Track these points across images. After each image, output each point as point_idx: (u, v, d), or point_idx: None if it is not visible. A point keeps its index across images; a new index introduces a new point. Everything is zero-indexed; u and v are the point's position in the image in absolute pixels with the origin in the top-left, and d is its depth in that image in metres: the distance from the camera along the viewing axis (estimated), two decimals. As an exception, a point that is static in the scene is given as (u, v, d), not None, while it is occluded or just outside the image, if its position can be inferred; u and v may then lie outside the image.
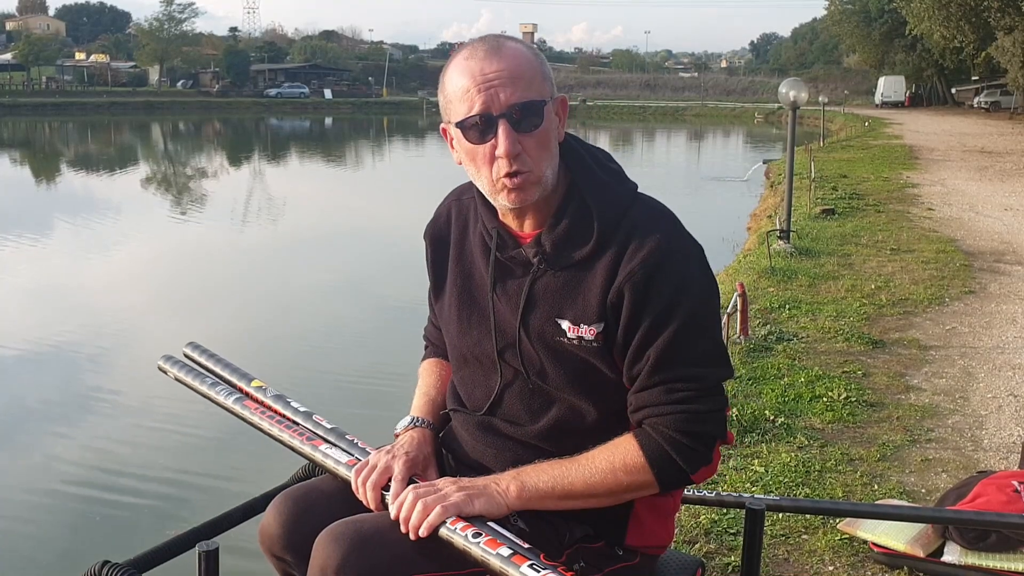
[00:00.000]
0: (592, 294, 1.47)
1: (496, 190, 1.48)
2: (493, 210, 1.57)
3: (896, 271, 8.15)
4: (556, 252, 1.50)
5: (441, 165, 32.10)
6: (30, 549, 4.84)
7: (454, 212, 1.68)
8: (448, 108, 1.48)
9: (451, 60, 1.49)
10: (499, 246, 1.55)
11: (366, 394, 7.03)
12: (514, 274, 1.55)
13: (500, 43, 1.46)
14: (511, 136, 1.42)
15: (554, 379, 1.52)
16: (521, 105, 1.42)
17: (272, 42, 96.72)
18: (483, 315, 1.58)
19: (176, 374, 1.86)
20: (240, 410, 1.72)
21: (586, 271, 1.48)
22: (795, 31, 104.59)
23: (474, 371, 1.62)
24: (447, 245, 1.67)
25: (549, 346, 1.51)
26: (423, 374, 1.81)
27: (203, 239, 15.78)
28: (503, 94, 1.41)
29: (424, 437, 1.63)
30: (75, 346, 8.56)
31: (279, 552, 1.55)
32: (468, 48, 1.47)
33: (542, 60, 1.50)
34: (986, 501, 3.05)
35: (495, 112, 1.42)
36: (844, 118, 40.51)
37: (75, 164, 31.74)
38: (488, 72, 1.42)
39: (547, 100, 1.46)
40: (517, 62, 1.44)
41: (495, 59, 1.43)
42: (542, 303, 1.51)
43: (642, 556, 1.60)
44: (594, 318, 1.47)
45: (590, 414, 1.51)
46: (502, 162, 1.44)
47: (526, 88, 1.43)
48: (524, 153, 1.44)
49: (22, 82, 68.89)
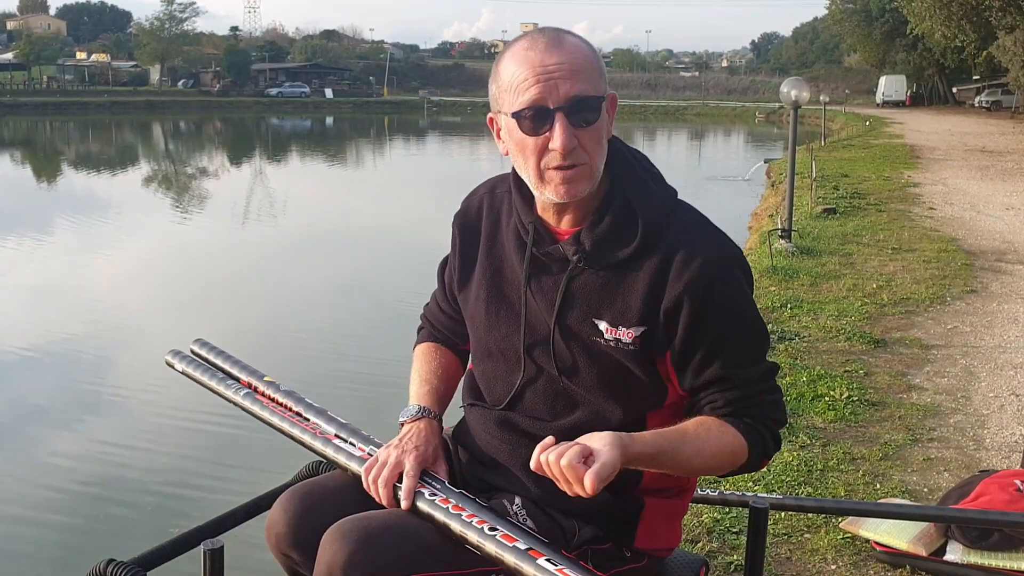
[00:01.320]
0: (633, 297, 1.46)
1: (544, 182, 1.46)
2: (530, 204, 1.55)
3: (898, 270, 8.15)
4: (597, 251, 1.49)
5: (442, 166, 32.13)
6: (35, 547, 4.85)
7: (486, 205, 1.66)
8: (501, 97, 1.46)
9: (508, 49, 1.48)
10: (535, 241, 1.53)
11: (373, 388, 7.02)
12: (550, 270, 1.53)
13: (561, 36, 1.45)
14: (568, 130, 1.40)
15: (585, 379, 1.51)
16: (580, 99, 1.41)
17: (273, 41, 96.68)
18: (513, 310, 1.56)
19: (184, 369, 1.85)
20: (250, 405, 1.71)
21: (628, 272, 1.47)
22: (796, 30, 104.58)
23: (497, 365, 1.60)
24: (477, 237, 1.64)
25: (584, 346, 1.49)
26: (420, 358, 1.78)
27: (205, 238, 15.78)
28: (562, 87, 1.40)
29: (431, 429, 1.61)
30: (79, 345, 8.57)
31: (286, 549, 1.54)
32: (528, 39, 1.45)
33: (599, 56, 1.49)
34: (988, 500, 3.05)
35: (552, 105, 1.40)
36: (845, 117, 40.48)
37: (76, 163, 31.74)
38: (548, 64, 1.40)
39: (604, 96, 1.46)
40: (578, 55, 1.43)
41: (556, 51, 1.42)
42: (580, 302, 1.50)
43: (649, 558, 1.59)
44: (634, 321, 1.46)
45: (615, 416, 1.50)
46: (555, 155, 1.42)
47: (585, 82, 1.42)
48: (579, 148, 1.42)
49: (23, 81, 68.88)
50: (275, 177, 27.79)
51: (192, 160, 34.69)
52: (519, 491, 1.54)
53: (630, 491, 1.54)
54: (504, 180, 1.64)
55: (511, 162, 1.53)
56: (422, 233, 14.48)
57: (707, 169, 27.26)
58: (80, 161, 32.66)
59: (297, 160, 34.81)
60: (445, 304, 1.77)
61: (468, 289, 1.65)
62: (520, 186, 1.55)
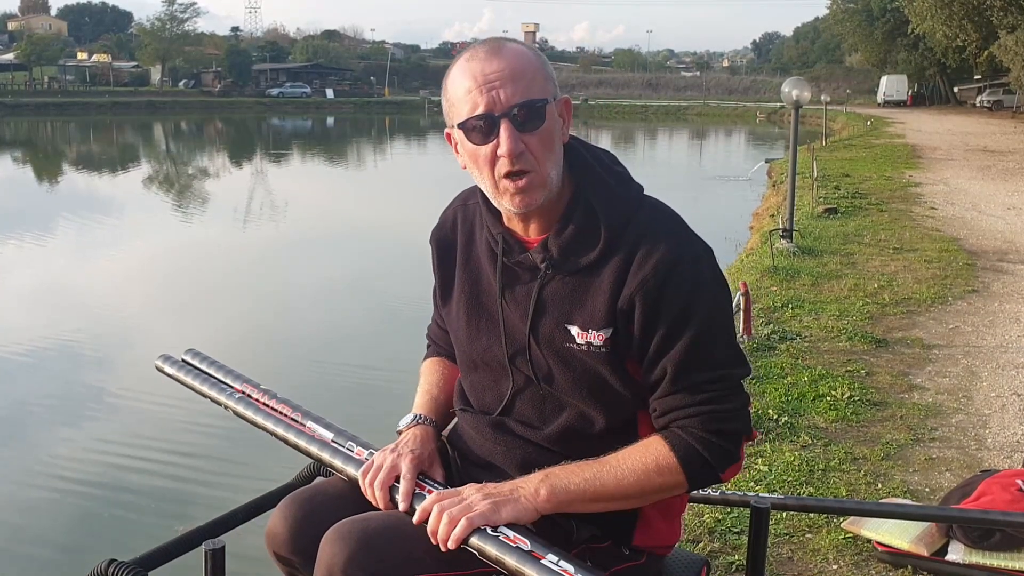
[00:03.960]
0: (600, 299, 1.47)
1: (500, 193, 1.47)
2: (498, 215, 1.56)
3: (899, 270, 8.15)
4: (563, 257, 1.49)
5: (442, 165, 32.14)
6: (37, 548, 4.86)
7: (460, 217, 1.67)
8: (451, 111, 1.47)
9: (453, 64, 1.49)
10: (505, 251, 1.54)
11: (369, 394, 7.03)
12: (522, 279, 1.54)
13: (500, 44, 1.46)
14: (513, 135, 1.41)
15: (562, 385, 1.51)
16: (523, 104, 1.41)
17: (274, 42, 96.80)
18: (492, 321, 1.57)
19: (174, 374, 1.85)
20: (243, 410, 1.71)
21: (594, 276, 1.48)
22: (797, 30, 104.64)
23: (483, 376, 1.61)
24: (453, 250, 1.66)
25: (558, 352, 1.50)
26: (425, 373, 1.81)
27: (205, 239, 15.78)
28: (504, 94, 1.41)
29: (427, 434, 1.63)
30: (81, 345, 8.58)
31: (286, 554, 1.55)
32: (470, 50, 1.46)
33: (543, 60, 1.49)
34: (990, 500, 3.05)
35: (496, 112, 1.41)
36: (846, 117, 40.44)
37: (77, 164, 31.75)
38: (489, 72, 1.41)
39: (549, 100, 1.45)
40: (518, 61, 1.43)
41: (495, 59, 1.42)
42: (551, 308, 1.50)
43: (649, 556, 1.59)
44: (602, 323, 1.46)
45: (598, 420, 1.51)
46: (504, 161, 1.43)
47: (527, 87, 1.42)
48: (527, 152, 1.43)
49: (24, 82, 68.96)
50: (276, 178, 27.80)
51: (193, 161, 34.70)
52: None
53: None
54: (475, 192, 1.64)
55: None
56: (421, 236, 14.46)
57: (708, 169, 27.27)
58: (81, 161, 32.68)
59: (298, 161, 34.82)
60: (441, 321, 1.78)
61: (450, 303, 1.66)
62: (487, 198, 1.55)
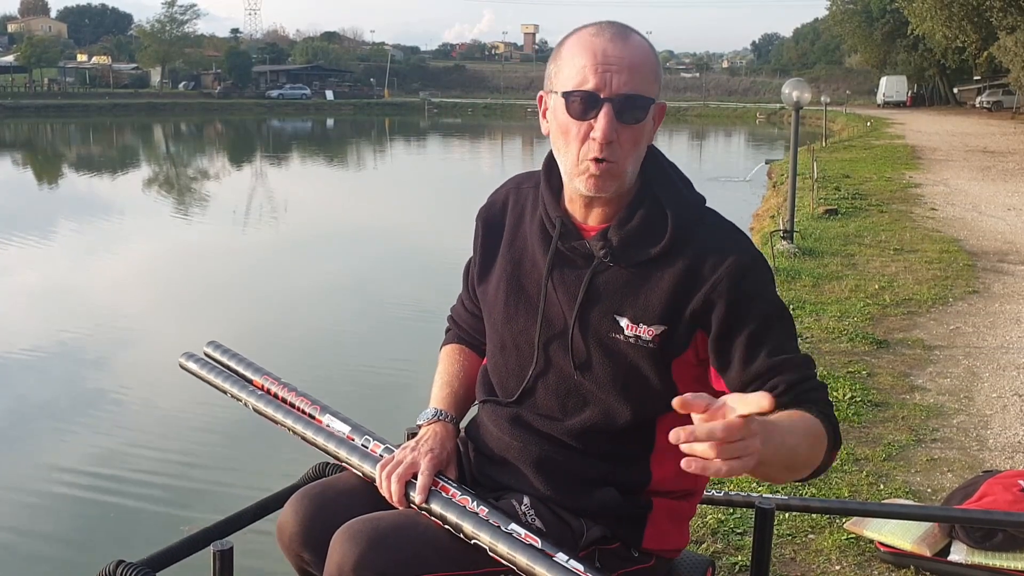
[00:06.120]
0: (657, 295, 1.47)
1: (578, 172, 1.47)
2: (558, 198, 1.57)
3: (900, 271, 8.16)
4: (624, 248, 1.50)
5: (442, 166, 32.13)
6: (45, 548, 4.87)
7: (512, 199, 1.67)
8: (557, 75, 1.48)
9: (575, 32, 1.49)
10: (563, 234, 1.54)
11: (385, 389, 7.05)
12: (574, 265, 1.53)
13: (628, 32, 1.47)
14: (612, 122, 1.41)
15: (599, 376, 1.51)
16: (630, 96, 1.42)
17: (274, 43, 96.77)
18: (531, 303, 1.57)
19: (198, 371, 1.85)
20: (264, 407, 1.71)
21: (653, 271, 1.48)
22: (797, 31, 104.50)
23: (510, 358, 1.61)
24: (500, 230, 1.66)
25: (602, 342, 1.50)
26: (444, 360, 1.79)
27: (209, 239, 15.79)
28: (616, 80, 1.41)
29: (447, 432, 1.63)
30: (90, 346, 8.59)
31: (298, 549, 1.55)
32: (596, 26, 1.47)
33: (659, 62, 1.50)
34: (993, 500, 3.06)
35: (604, 94, 1.42)
36: (846, 118, 40.46)
37: (78, 166, 31.73)
38: (610, 54, 1.42)
39: (653, 100, 1.47)
40: (639, 54, 1.44)
41: (619, 44, 1.43)
42: (602, 297, 1.50)
43: (657, 559, 1.60)
44: (655, 319, 1.47)
45: (623, 416, 1.51)
46: (593, 144, 1.43)
47: (639, 81, 1.43)
48: (617, 143, 1.43)
49: (24, 84, 68.87)
50: (276, 179, 27.81)
51: (193, 162, 34.70)
52: (528, 490, 1.54)
53: (639, 492, 1.55)
54: (530, 177, 1.66)
55: (550, 146, 1.54)
56: (428, 234, 14.52)
57: (708, 170, 27.25)
58: (82, 163, 32.65)
59: (298, 162, 34.82)
60: (469, 303, 1.78)
61: (488, 282, 1.66)
62: (549, 180, 1.56)
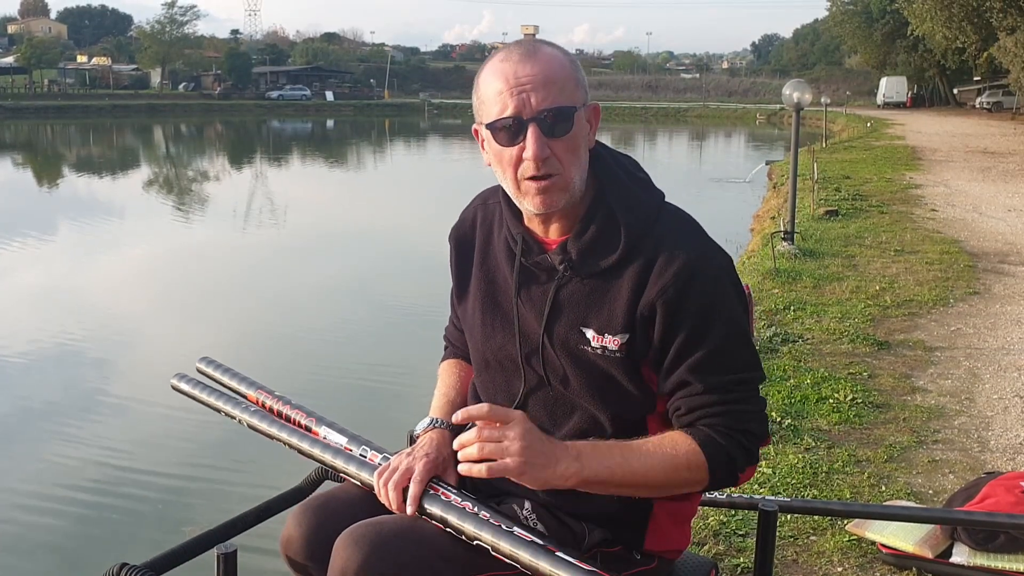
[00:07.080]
0: (618, 304, 1.48)
1: (522, 193, 1.48)
2: (519, 215, 1.57)
3: (900, 272, 8.15)
4: (582, 260, 1.51)
5: (442, 166, 32.13)
6: (49, 551, 4.86)
7: (479, 216, 1.69)
8: (481, 109, 1.49)
9: (487, 62, 1.50)
10: (524, 251, 1.56)
11: (381, 398, 7.04)
12: (539, 280, 1.55)
13: (536, 47, 1.47)
14: (540, 140, 1.43)
15: (575, 387, 1.53)
16: (551, 110, 1.43)
17: (274, 44, 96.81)
18: (507, 320, 1.59)
19: (190, 391, 1.84)
20: (258, 423, 1.71)
21: (612, 280, 1.49)
22: (796, 32, 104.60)
23: (496, 375, 1.63)
24: (472, 249, 1.67)
25: (572, 354, 1.51)
26: (442, 375, 1.81)
27: (208, 243, 15.76)
28: (534, 98, 1.42)
29: (443, 438, 1.63)
30: (90, 350, 8.58)
31: (301, 560, 1.56)
32: (504, 51, 1.48)
33: (576, 66, 1.50)
34: (995, 502, 3.05)
35: (525, 116, 1.42)
36: (846, 119, 40.47)
37: (78, 167, 31.75)
38: (521, 76, 1.43)
39: (578, 107, 1.46)
40: (551, 67, 1.45)
41: (529, 63, 1.44)
42: (567, 310, 1.52)
43: (659, 560, 1.60)
44: (619, 328, 1.48)
45: (608, 423, 1.52)
46: (529, 164, 1.44)
47: (558, 94, 1.44)
48: (552, 157, 1.44)
49: (24, 85, 68.89)
50: (276, 180, 27.80)
51: (193, 164, 34.70)
52: (528, 495, 1.55)
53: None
54: (496, 191, 1.66)
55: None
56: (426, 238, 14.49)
57: (708, 171, 27.26)
58: (82, 165, 32.67)
59: (298, 163, 34.82)
60: (458, 322, 1.79)
61: (465, 301, 1.67)
62: (508, 197, 1.56)
